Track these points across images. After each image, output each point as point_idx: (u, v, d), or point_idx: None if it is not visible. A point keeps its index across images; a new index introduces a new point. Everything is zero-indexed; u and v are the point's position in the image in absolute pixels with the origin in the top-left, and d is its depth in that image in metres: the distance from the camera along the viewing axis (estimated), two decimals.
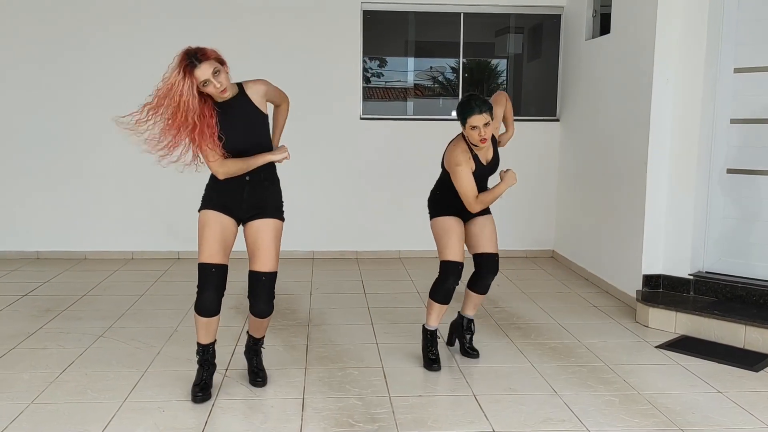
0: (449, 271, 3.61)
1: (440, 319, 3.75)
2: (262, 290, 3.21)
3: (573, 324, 4.50)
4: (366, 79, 6.54)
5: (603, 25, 5.74)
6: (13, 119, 6.20)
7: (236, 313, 4.65)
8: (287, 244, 6.44)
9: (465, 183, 3.49)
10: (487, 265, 3.72)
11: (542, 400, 3.28)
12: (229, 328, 4.29)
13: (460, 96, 6.60)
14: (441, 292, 3.64)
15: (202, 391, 3.24)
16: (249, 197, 3.19)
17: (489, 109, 3.42)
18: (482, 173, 3.66)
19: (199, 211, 3.24)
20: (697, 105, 4.56)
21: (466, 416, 3.10)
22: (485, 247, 3.70)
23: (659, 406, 3.21)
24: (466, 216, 3.72)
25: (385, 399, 3.28)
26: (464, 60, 6.56)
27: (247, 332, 3.49)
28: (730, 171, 4.52)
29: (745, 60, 4.40)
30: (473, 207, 3.52)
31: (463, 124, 3.46)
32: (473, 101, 3.40)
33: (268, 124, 3.26)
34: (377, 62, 6.71)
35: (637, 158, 4.82)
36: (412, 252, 6.58)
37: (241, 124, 3.11)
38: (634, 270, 4.83)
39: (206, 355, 3.30)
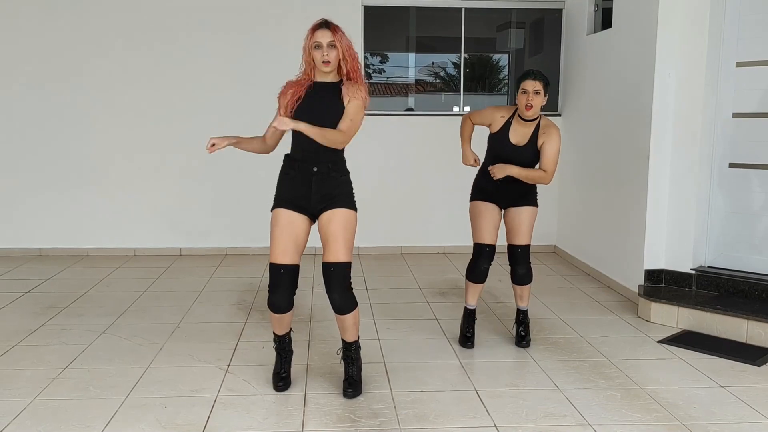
0: (479, 252, 3.85)
1: (477, 297, 3.99)
2: (333, 281, 3.15)
3: (575, 319, 4.49)
4: (367, 75, 6.53)
5: (604, 19, 5.72)
6: (16, 117, 6.20)
7: (238, 309, 4.65)
8: None
9: (479, 110, 3.89)
10: (513, 258, 3.91)
11: (544, 395, 3.28)
12: (231, 325, 4.30)
13: (462, 92, 6.59)
14: (474, 272, 3.89)
15: (282, 380, 3.33)
16: (317, 189, 3.15)
17: (543, 82, 3.66)
18: (508, 150, 3.74)
19: (271, 209, 3.22)
20: (699, 99, 4.54)
21: (468, 411, 3.10)
22: (511, 239, 3.90)
23: (661, 401, 3.21)
24: (500, 202, 3.86)
25: (387, 394, 3.28)
26: (466, 55, 6.54)
27: (341, 338, 3.36)
28: (732, 165, 4.51)
29: (747, 54, 4.39)
30: (463, 120, 3.94)
31: (517, 88, 3.71)
32: (531, 70, 3.71)
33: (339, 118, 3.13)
34: (378, 58, 6.70)
35: (639, 153, 4.81)
36: (414, 248, 6.58)
37: (319, 107, 3.10)
38: (636, 265, 4.83)
39: (282, 344, 3.38)
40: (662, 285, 4.72)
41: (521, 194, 3.86)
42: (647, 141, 4.68)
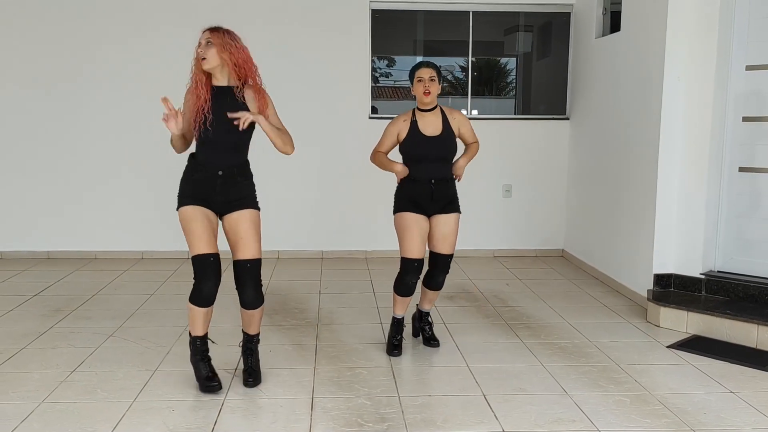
0: (407, 268, 3.78)
1: (406, 307, 3.94)
2: (248, 277, 3.26)
3: (583, 323, 4.47)
4: (374, 79, 6.53)
5: (613, 22, 5.71)
6: (21, 120, 6.23)
7: None
8: (296, 244, 6.50)
9: (379, 141, 3.84)
10: (437, 265, 3.85)
11: (552, 400, 3.26)
12: (238, 328, 4.25)
13: (469, 95, 6.59)
14: (402, 286, 3.83)
15: (214, 380, 3.31)
16: (221, 191, 3.24)
17: (436, 69, 3.75)
18: (424, 143, 3.71)
19: (177, 209, 3.27)
20: (708, 102, 4.52)
21: (475, 416, 3.08)
22: (439, 248, 3.82)
23: (671, 407, 3.19)
24: (429, 210, 3.79)
25: (395, 399, 3.27)
26: (473, 59, 6.53)
27: (242, 330, 3.48)
28: (742, 169, 4.48)
29: (757, 57, 4.36)
30: (372, 156, 3.88)
31: (412, 79, 3.77)
32: (423, 60, 3.81)
33: (253, 129, 3.30)
34: (386, 61, 6.70)
35: (648, 156, 4.79)
36: None
37: (226, 116, 3.16)
38: (645, 269, 4.80)
39: (204, 346, 3.37)
40: (671, 289, 4.69)
41: (450, 200, 3.81)
42: (656, 145, 4.66)
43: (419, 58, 6.86)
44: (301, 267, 6.10)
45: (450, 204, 3.81)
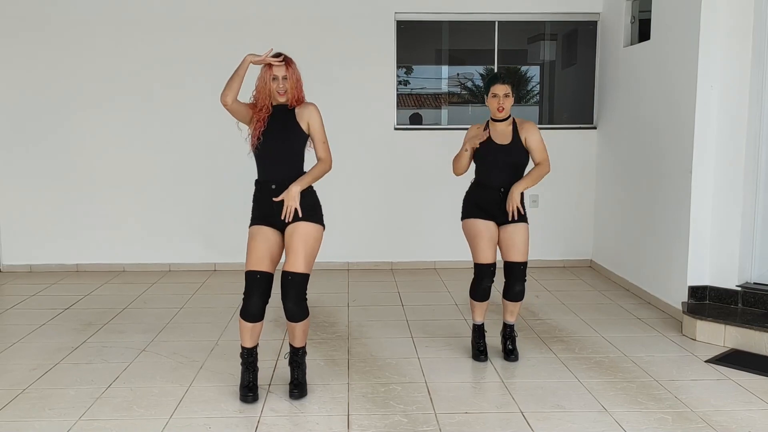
0: (482, 273, 3.90)
1: (484, 313, 4.06)
2: (290, 290, 3.32)
3: (617, 337, 4.40)
4: (400, 88, 6.51)
5: (641, 31, 5.65)
6: (50, 134, 6.29)
7: (275, 326, 4.63)
8: (322, 255, 6.45)
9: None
10: (512, 274, 3.91)
11: (592, 417, 3.21)
12: (270, 342, 4.28)
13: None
14: (478, 291, 3.96)
15: (251, 391, 3.40)
16: (277, 205, 3.32)
17: (511, 84, 3.83)
18: (494, 151, 3.83)
19: (249, 227, 3.47)
20: (743, 111, 4.45)
21: None
22: (511, 256, 3.88)
23: (714, 425, 3.12)
24: (498, 217, 3.87)
25: (431, 416, 3.23)
26: (499, 67, 6.49)
27: (289, 342, 3.54)
28: None
29: None
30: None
31: (487, 92, 3.85)
32: (499, 74, 3.86)
33: (305, 140, 3.43)
34: (411, 72, 6.69)
35: (681, 166, 4.72)
36: (448, 262, 6.52)
37: (278, 129, 3.35)
38: (679, 281, 4.73)
39: (251, 357, 3.46)
40: (706, 302, 4.61)
41: (517, 209, 3.84)
42: (690, 155, 4.60)
43: (445, 67, 6.85)
44: (328, 278, 6.08)
45: (518, 213, 3.84)
